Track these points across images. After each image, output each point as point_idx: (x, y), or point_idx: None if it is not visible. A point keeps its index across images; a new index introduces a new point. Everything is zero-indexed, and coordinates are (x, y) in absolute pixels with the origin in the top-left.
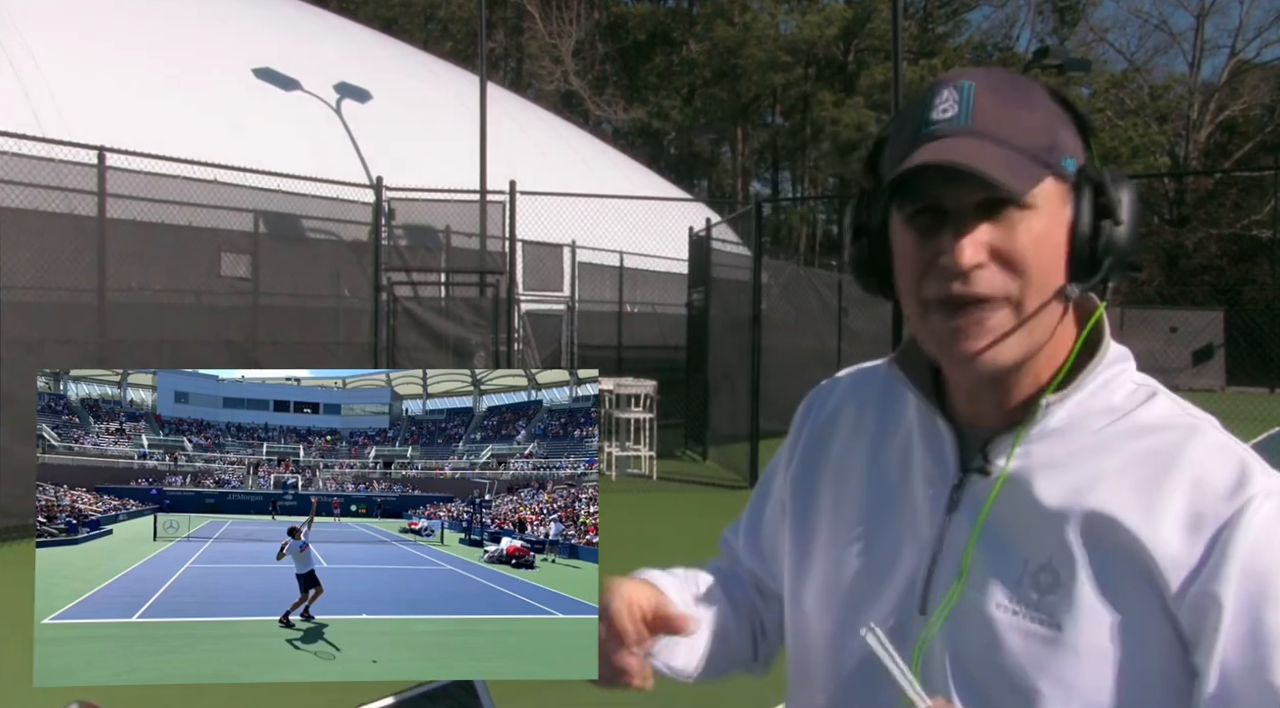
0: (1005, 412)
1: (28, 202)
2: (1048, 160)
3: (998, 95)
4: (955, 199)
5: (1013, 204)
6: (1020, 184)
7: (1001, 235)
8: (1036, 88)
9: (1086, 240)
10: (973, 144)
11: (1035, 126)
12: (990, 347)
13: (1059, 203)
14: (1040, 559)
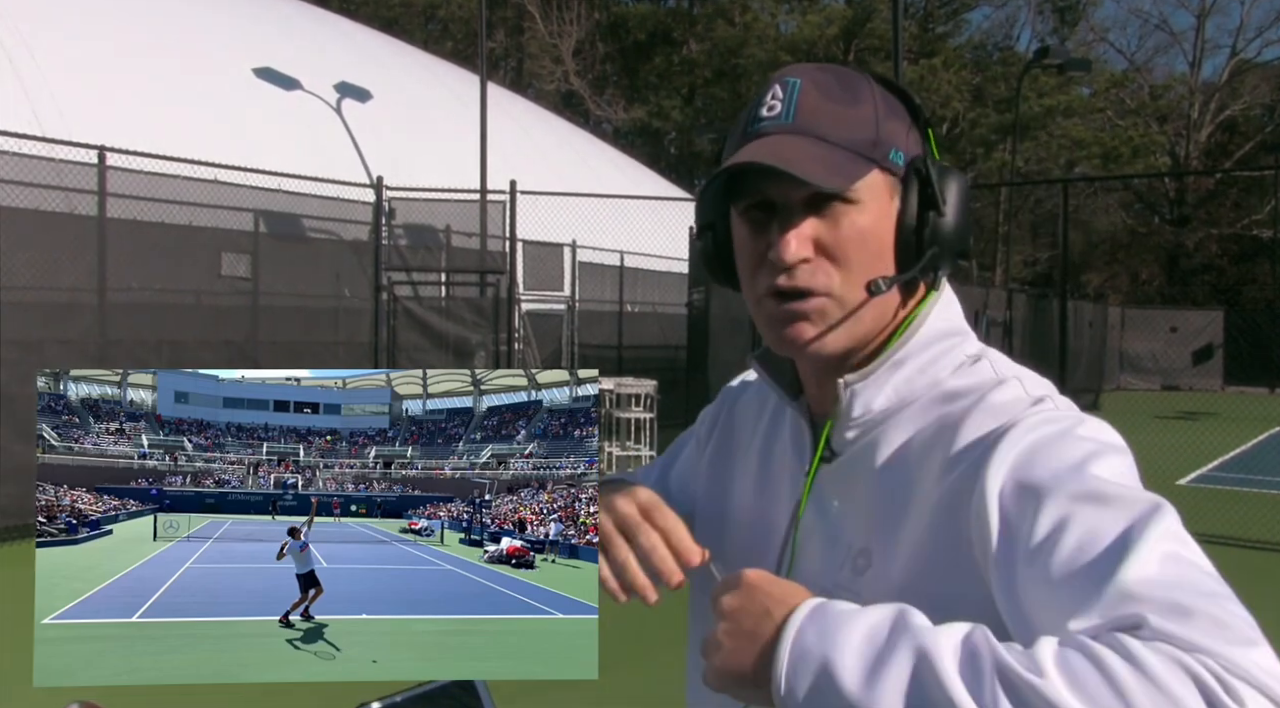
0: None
1: (28, 201)
2: (871, 155)
3: (822, 92)
4: (782, 195)
5: (838, 199)
6: (837, 180)
7: (826, 230)
8: (865, 83)
9: (911, 231)
10: (793, 142)
11: (858, 122)
12: (815, 337)
13: (886, 195)
14: (860, 542)
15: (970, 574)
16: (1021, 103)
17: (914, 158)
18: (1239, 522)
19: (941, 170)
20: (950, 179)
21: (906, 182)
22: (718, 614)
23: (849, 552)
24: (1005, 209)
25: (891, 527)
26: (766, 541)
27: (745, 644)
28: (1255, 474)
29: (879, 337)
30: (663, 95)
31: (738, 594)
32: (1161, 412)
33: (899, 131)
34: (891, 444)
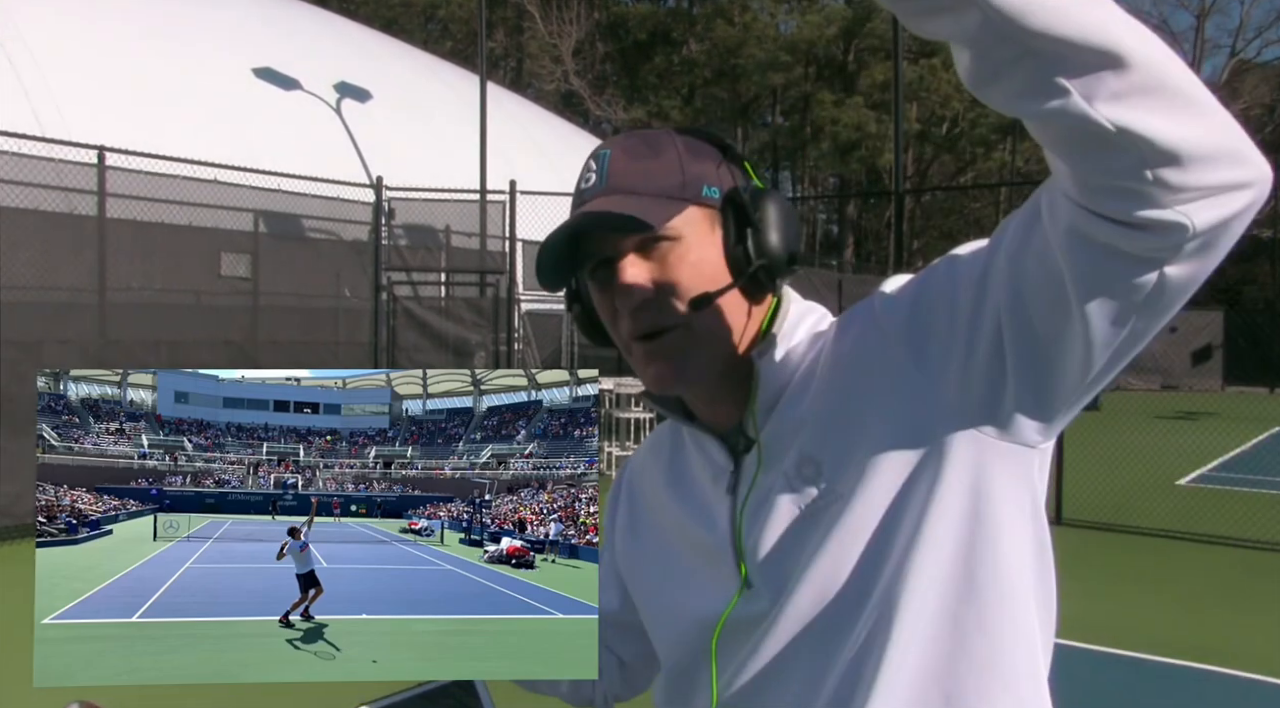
0: (741, 406)
1: (28, 201)
2: (681, 195)
3: (628, 154)
4: (613, 249)
5: (660, 240)
6: (649, 220)
7: (658, 269)
8: (667, 138)
9: (736, 250)
10: (608, 201)
11: (662, 171)
12: (673, 367)
13: (707, 227)
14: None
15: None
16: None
17: (729, 189)
18: (1239, 522)
19: (756, 193)
20: (767, 199)
21: (724, 211)
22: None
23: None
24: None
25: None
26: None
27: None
28: (1255, 474)
29: (742, 345)
30: (663, 95)
31: None
32: (1161, 412)
33: (708, 170)
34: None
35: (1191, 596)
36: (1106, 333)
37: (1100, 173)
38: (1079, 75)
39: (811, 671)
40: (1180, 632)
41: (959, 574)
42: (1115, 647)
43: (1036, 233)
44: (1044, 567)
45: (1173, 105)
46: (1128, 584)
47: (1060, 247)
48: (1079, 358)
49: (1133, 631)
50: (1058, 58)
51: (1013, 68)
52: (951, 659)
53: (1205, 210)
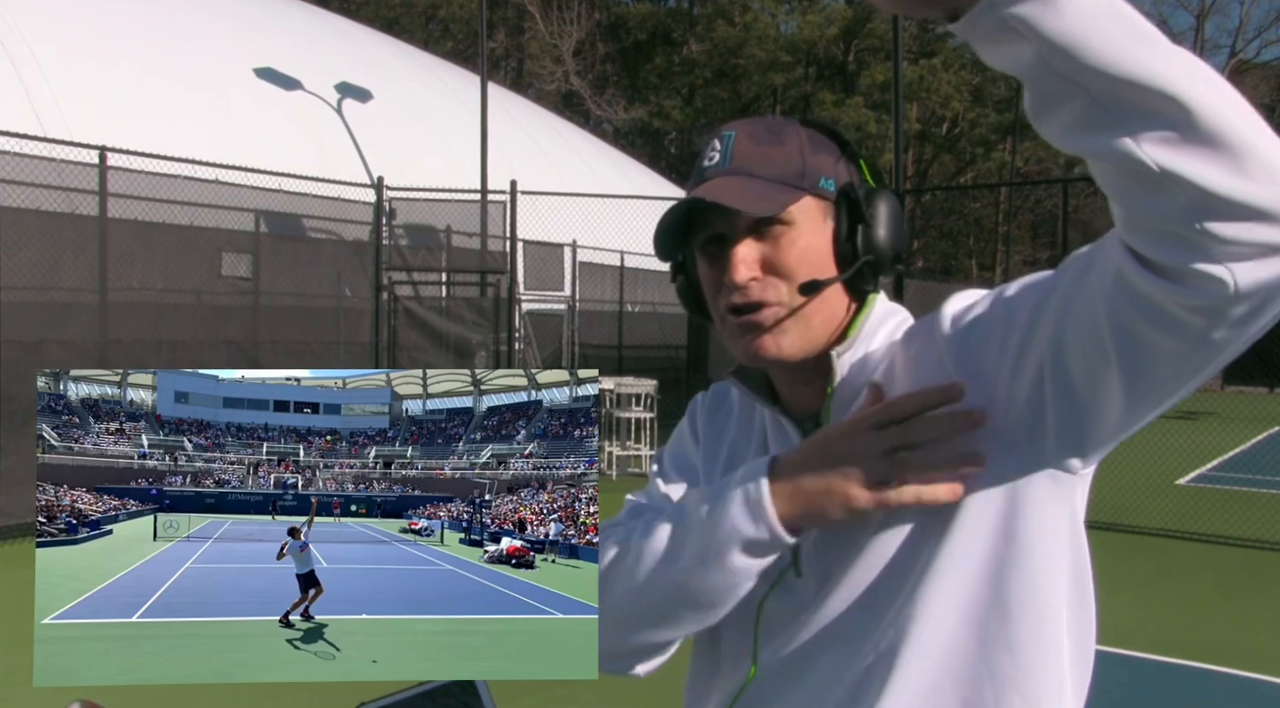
0: (820, 395)
1: (29, 201)
2: (799, 184)
3: (752, 139)
4: (728, 226)
5: (775, 223)
6: (767, 207)
7: (769, 250)
8: (791, 127)
9: (845, 244)
10: (730, 181)
11: (784, 159)
12: (769, 337)
13: (820, 217)
14: None
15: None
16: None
17: (844, 184)
18: (1239, 522)
19: (870, 192)
20: (880, 198)
21: (837, 204)
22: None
23: None
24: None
25: None
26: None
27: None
28: (1255, 474)
29: (833, 339)
30: (663, 95)
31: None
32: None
33: (827, 163)
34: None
35: (1192, 596)
36: (1141, 386)
37: (1147, 215)
38: (1128, 116)
39: (836, 664)
40: (1180, 632)
41: (988, 590)
42: (1115, 647)
43: (1089, 279)
44: (1081, 593)
45: (1229, 156)
46: (1128, 584)
47: (1105, 295)
48: (1116, 408)
49: (1133, 630)
50: (1108, 96)
51: (1064, 102)
52: (973, 672)
53: (1253, 270)
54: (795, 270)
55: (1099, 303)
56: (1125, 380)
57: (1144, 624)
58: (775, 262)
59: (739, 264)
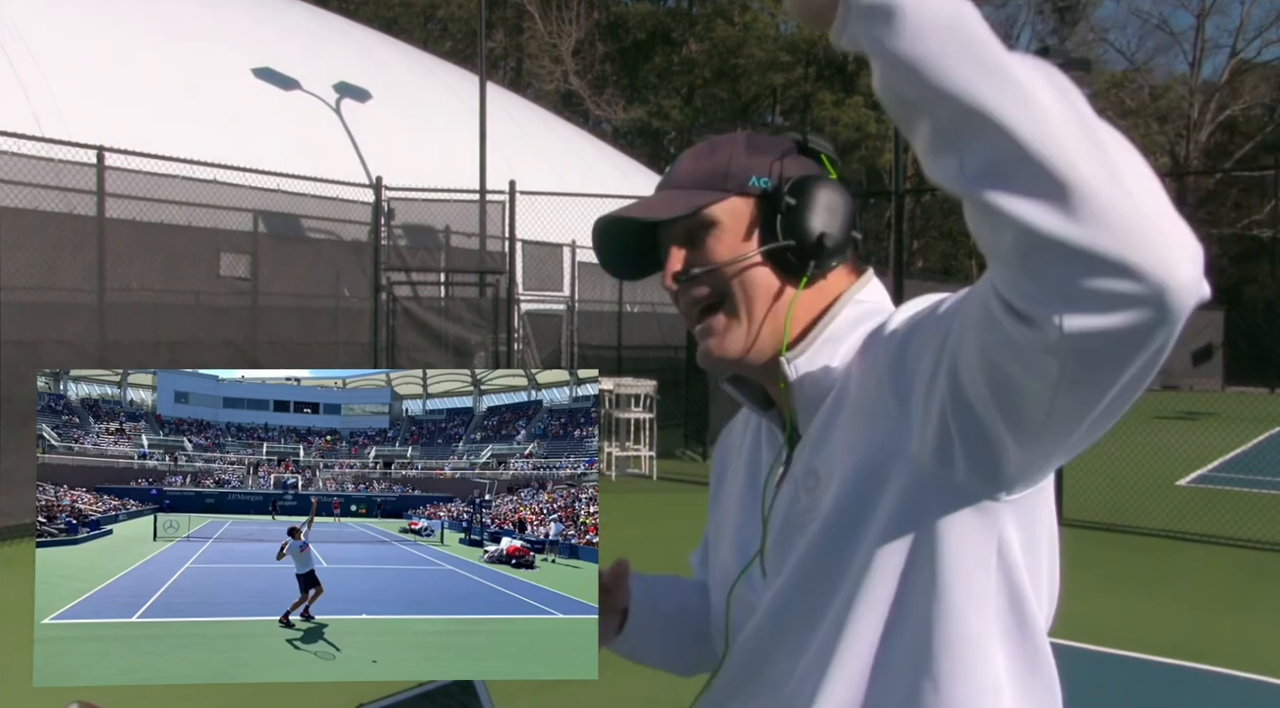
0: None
1: (27, 201)
2: (722, 186)
3: (693, 154)
4: (666, 236)
5: (698, 227)
6: (667, 210)
7: (693, 253)
8: (730, 139)
9: (772, 236)
10: (656, 196)
11: (710, 166)
12: (715, 340)
13: (749, 214)
14: (808, 471)
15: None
16: None
17: (785, 178)
18: (1239, 522)
19: (802, 180)
20: (813, 185)
21: (760, 196)
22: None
23: (797, 484)
24: None
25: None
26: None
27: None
28: (1255, 474)
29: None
30: (662, 95)
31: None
32: (1161, 412)
33: (760, 163)
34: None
35: (1191, 596)
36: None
37: (987, 247)
38: (960, 143)
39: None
40: (1180, 632)
41: (908, 622)
42: (1115, 647)
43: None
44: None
45: (1056, 193)
46: (1128, 584)
47: (980, 325)
48: (1010, 446)
49: (1132, 630)
50: (943, 121)
51: (913, 127)
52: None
53: (1081, 316)
54: (711, 265)
55: (979, 335)
56: (1003, 418)
57: (1144, 625)
58: (701, 260)
59: (667, 269)
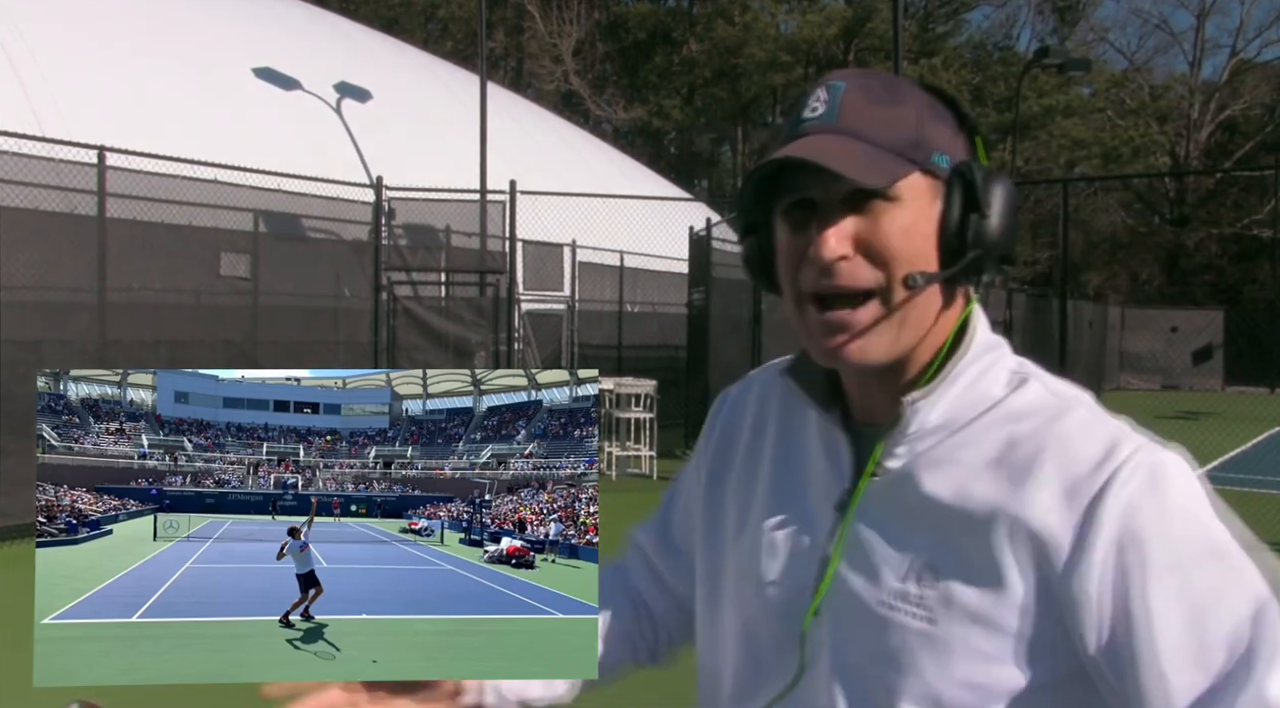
0: (896, 407)
1: (27, 201)
2: (913, 156)
3: (866, 94)
4: (822, 192)
5: (878, 197)
6: (875, 177)
7: (866, 227)
8: (910, 87)
9: (954, 233)
10: (833, 141)
11: (900, 123)
12: (854, 342)
13: (928, 197)
14: (921, 556)
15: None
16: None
17: (959, 162)
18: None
19: (987, 175)
20: (996, 184)
21: (950, 184)
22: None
23: (909, 564)
24: None
25: (958, 542)
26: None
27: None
28: (1255, 474)
29: (923, 344)
30: (663, 95)
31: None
32: (1161, 412)
33: (943, 135)
34: (953, 461)
35: None
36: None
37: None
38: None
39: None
40: None
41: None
42: None
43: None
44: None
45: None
46: None
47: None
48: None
49: None
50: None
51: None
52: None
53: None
54: (895, 255)
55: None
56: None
57: None
58: (872, 242)
59: (829, 237)
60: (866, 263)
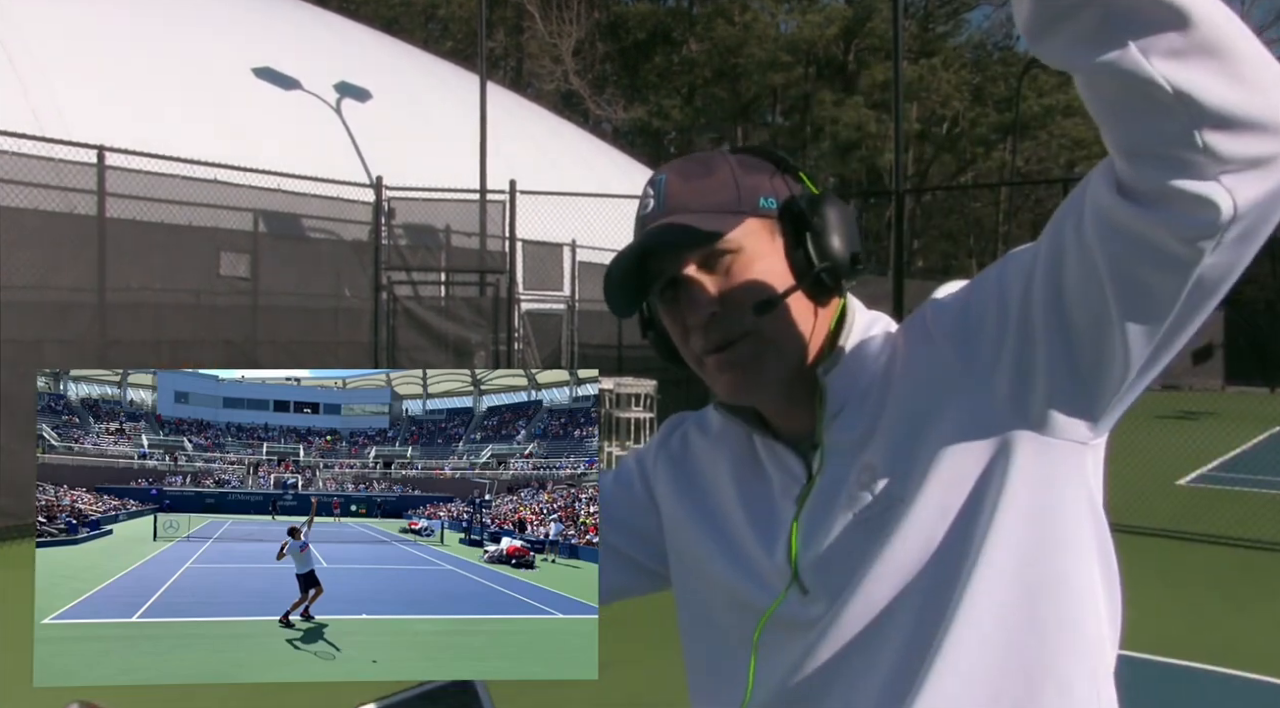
0: (814, 414)
1: (27, 201)
2: (737, 208)
3: (683, 177)
4: (677, 267)
5: (721, 253)
6: (702, 233)
7: (722, 281)
8: (719, 157)
9: (799, 257)
10: (668, 220)
11: (716, 187)
12: (747, 374)
13: (769, 237)
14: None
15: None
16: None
17: (786, 199)
18: (1239, 522)
19: (814, 199)
20: (825, 204)
21: (781, 219)
22: None
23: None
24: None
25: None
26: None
27: None
28: (1255, 474)
29: (811, 352)
30: (663, 95)
31: None
32: (1161, 412)
33: (762, 182)
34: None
35: (1191, 596)
36: (1144, 330)
37: (1146, 136)
38: (1138, 27)
39: (860, 673)
40: (1180, 632)
41: (1019, 576)
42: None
43: (1073, 226)
44: (1108, 568)
45: (1231, 69)
46: (1128, 585)
47: (1097, 237)
48: (1119, 355)
49: (1132, 630)
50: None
51: (1072, 15)
52: (1003, 664)
53: (1250, 185)
54: (754, 295)
55: (1092, 249)
56: (1124, 326)
57: (1144, 625)
58: (731, 291)
59: (695, 301)
60: (735, 310)
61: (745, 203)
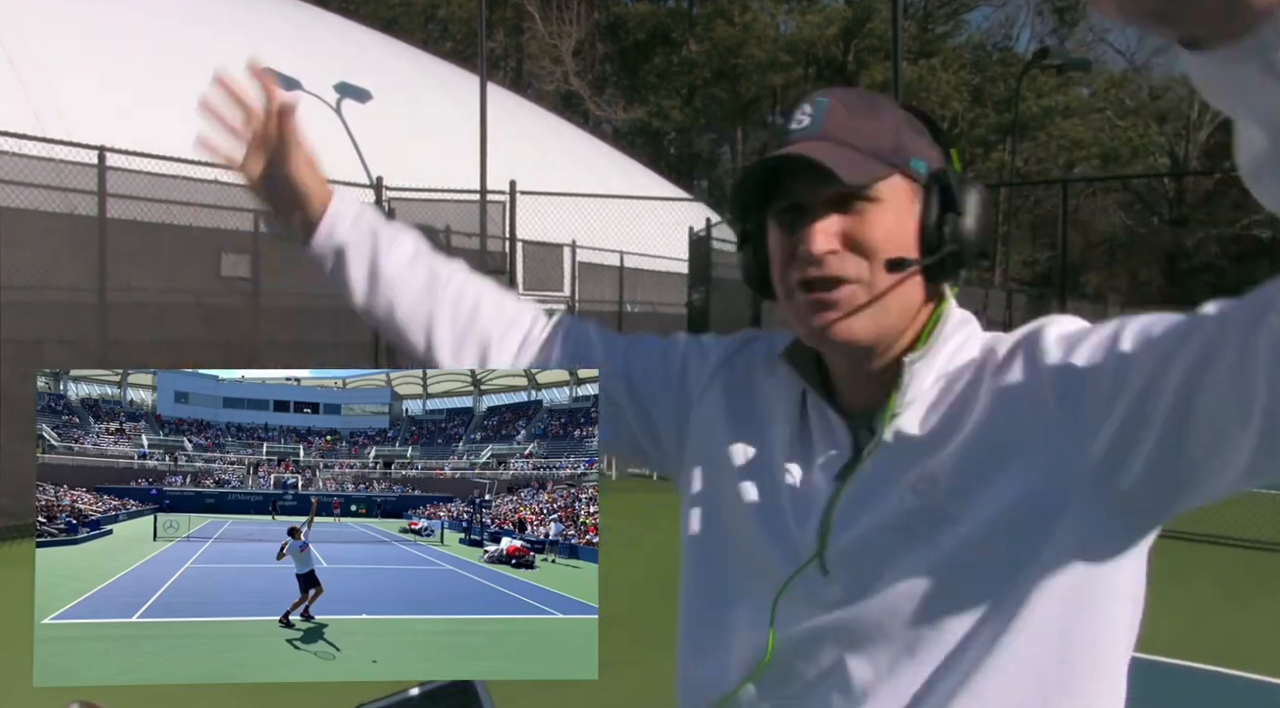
0: (883, 392)
1: (28, 201)
2: (892, 160)
3: (847, 107)
4: (809, 195)
5: (860, 197)
6: (857, 177)
7: (851, 224)
8: (888, 103)
9: (932, 230)
10: (819, 146)
11: (879, 132)
12: (842, 319)
13: (907, 198)
14: (921, 473)
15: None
16: (1021, 103)
17: (936, 168)
18: (1239, 522)
19: (962, 180)
20: (971, 188)
21: (928, 187)
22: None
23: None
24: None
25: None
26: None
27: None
28: None
29: (905, 333)
30: (662, 95)
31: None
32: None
33: (920, 145)
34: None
35: (1193, 596)
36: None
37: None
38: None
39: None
40: (1182, 632)
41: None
42: None
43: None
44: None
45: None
46: None
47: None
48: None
49: None
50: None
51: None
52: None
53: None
54: (878, 248)
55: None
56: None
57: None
58: (858, 237)
59: (818, 233)
60: (852, 256)
61: (899, 157)
